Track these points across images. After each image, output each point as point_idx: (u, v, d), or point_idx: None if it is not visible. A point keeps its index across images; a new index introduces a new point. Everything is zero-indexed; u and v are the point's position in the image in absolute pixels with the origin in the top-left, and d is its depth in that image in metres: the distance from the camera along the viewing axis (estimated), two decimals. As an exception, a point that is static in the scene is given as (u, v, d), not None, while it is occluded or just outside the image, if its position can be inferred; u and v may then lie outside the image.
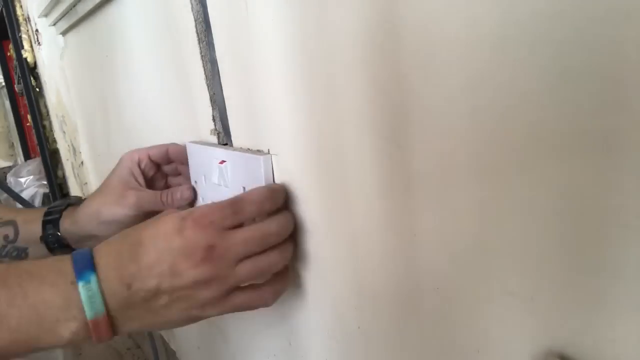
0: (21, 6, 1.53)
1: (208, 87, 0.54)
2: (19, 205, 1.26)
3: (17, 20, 1.55)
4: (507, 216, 0.28)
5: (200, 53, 0.53)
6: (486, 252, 0.30)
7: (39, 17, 1.18)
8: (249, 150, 0.50)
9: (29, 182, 2.11)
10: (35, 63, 1.60)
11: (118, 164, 0.59)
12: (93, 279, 0.36)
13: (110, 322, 0.36)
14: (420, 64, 0.30)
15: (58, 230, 0.59)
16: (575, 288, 0.26)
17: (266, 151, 0.48)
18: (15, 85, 2.24)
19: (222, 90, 0.53)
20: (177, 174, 0.65)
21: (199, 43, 0.53)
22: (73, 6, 0.91)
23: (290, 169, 0.45)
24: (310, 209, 0.45)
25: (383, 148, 0.34)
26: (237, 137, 0.53)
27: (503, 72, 0.26)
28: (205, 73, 0.54)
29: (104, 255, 0.38)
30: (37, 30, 1.43)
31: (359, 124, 0.36)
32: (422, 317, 0.36)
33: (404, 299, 0.37)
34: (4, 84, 2.87)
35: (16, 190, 2.07)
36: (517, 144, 0.26)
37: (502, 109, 0.26)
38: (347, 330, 0.45)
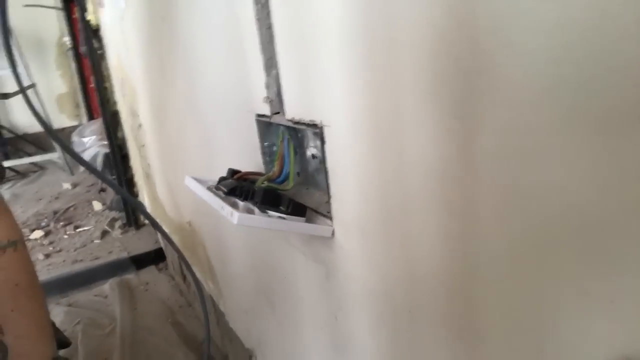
0: (85, -32, 1.56)
1: (262, 53, 0.52)
2: (81, 168, 1.29)
3: (81, -18, 1.58)
4: (585, 204, 0.25)
5: (256, 16, 0.51)
6: (557, 246, 0.27)
7: (101, -21, 1.19)
8: None
9: (91, 142, 2.20)
10: (98, 25, 1.63)
11: None
12: None
13: None
14: (499, 26, 0.26)
15: None
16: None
17: (318, 122, 0.45)
18: (80, 48, 2.32)
19: (276, 56, 0.51)
20: None
21: (255, 5, 0.51)
22: (132, -32, 0.91)
23: (343, 142, 0.43)
24: (361, 183, 0.42)
25: (447, 123, 0.31)
26: (290, 106, 0.51)
27: (597, 40, 0.22)
28: (260, 38, 0.52)
29: None
30: (99, -7, 1.46)
31: (421, 96, 0.33)
32: (479, 311, 0.34)
33: (460, 290, 0.35)
34: (71, 46, 2.98)
35: (79, 149, 2.17)
36: (601, 122, 0.23)
37: (590, 82, 0.23)
38: (397, 313, 0.43)
